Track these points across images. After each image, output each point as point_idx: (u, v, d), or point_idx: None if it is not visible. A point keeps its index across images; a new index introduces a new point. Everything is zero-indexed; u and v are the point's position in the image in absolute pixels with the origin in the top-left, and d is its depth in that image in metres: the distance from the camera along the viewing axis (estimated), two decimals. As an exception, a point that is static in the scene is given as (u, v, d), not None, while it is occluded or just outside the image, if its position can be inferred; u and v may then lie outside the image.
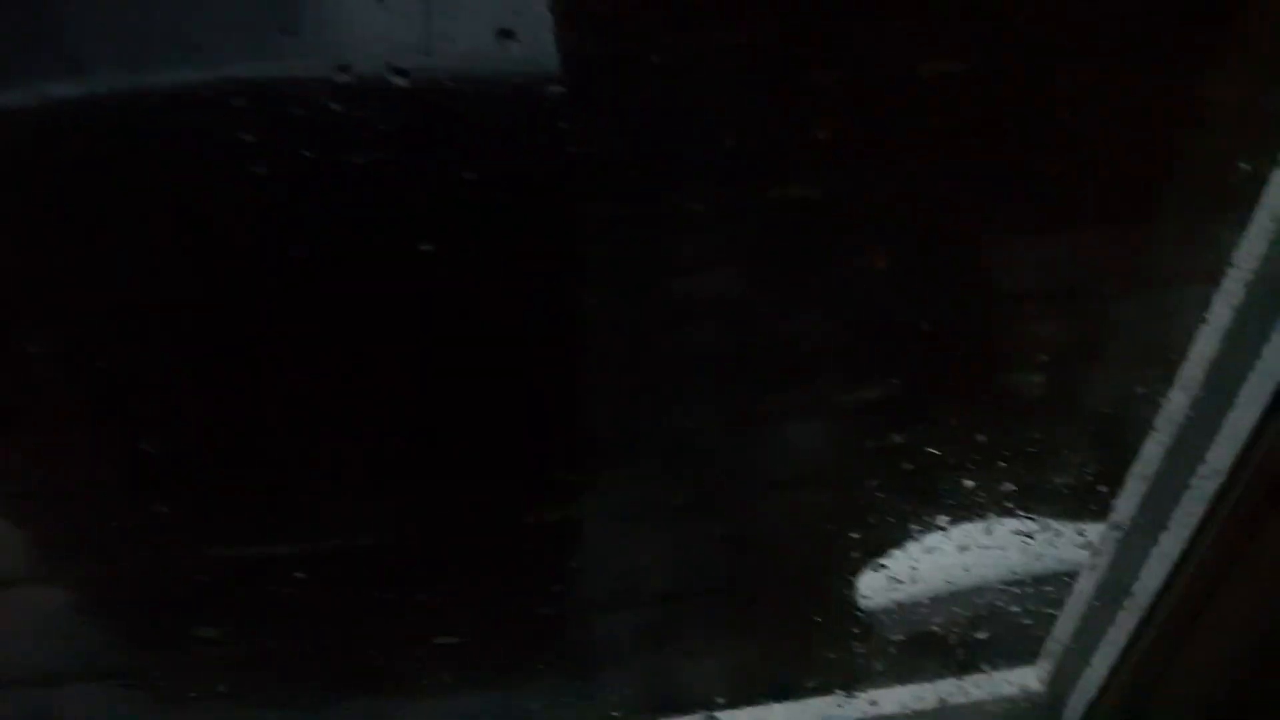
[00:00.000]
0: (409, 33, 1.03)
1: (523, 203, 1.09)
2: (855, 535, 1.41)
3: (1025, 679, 1.55)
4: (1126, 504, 1.35)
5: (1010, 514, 1.39)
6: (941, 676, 1.54)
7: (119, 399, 1.21)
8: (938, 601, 1.44)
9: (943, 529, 1.39)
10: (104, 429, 1.26)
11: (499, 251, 1.13)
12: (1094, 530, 1.40)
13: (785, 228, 1.25)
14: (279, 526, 1.36)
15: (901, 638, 1.49)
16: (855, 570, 1.43)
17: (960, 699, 1.53)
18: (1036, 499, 1.39)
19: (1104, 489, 1.37)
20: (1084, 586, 1.43)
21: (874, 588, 1.43)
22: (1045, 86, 1.21)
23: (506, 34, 1.04)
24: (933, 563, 1.40)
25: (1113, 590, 1.38)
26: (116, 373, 1.18)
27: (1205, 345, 1.22)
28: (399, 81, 0.99)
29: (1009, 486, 1.37)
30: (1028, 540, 1.40)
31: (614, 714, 1.54)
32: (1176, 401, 1.27)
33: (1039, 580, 1.45)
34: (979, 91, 1.20)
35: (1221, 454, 1.20)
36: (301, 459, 1.29)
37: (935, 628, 1.48)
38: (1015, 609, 1.47)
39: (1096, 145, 1.22)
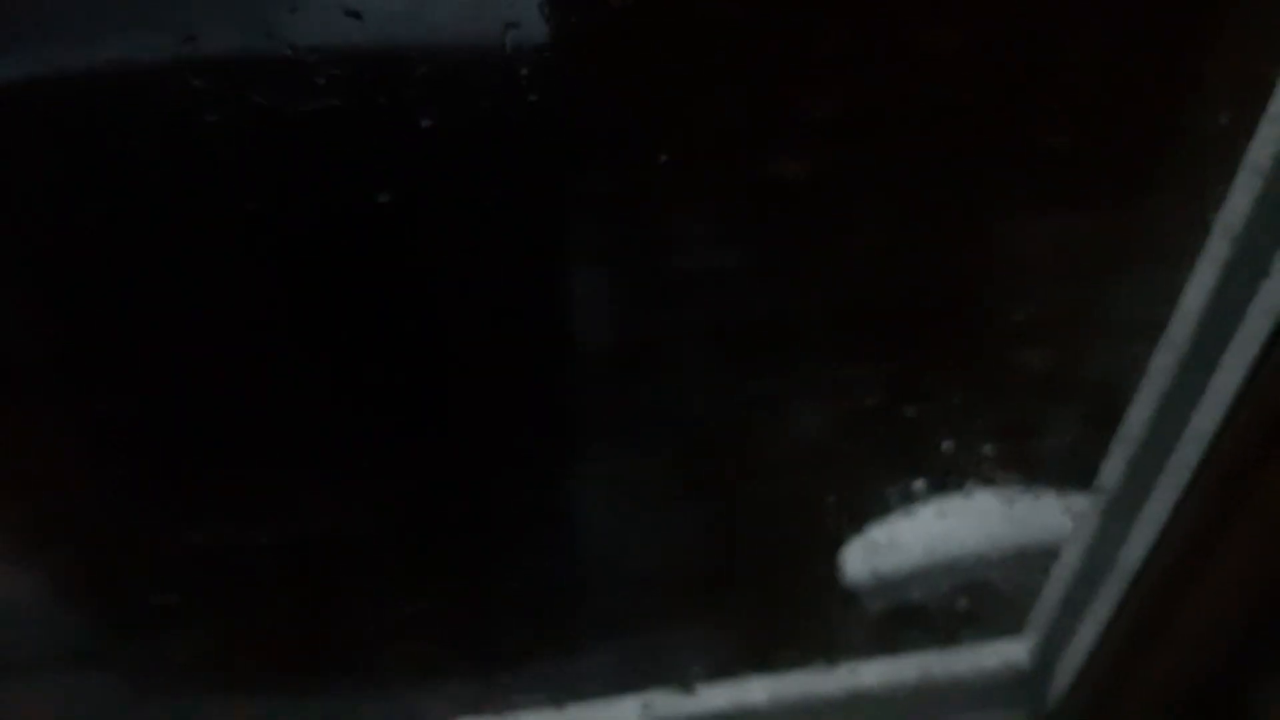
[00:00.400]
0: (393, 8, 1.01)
1: (492, 158, 1.07)
2: (833, 503, 1.39)
3: (1009, 651, 1.54)
4: (1111, 470, 1.33)
5: (992, 481, 1.37)
6: (924, 648, 1.52)
7: (76, 374, 1.19)
8: (919, 571, 1.42)
9: (923, 496, 1.36)
10: (63, 405, 1.23)
11: (467, 211, 1.11)
12: (1078, 498, 1.38)
13: (771, 204, 1.23)
14: (246, 507, 1.34)
15: (883, 608, 1.46)
16: (834, 539, 1.41)
17: (943, 671, 1.52)
18: (1019, 465, 1.37)
19: (1088, 455, 1.35)
20: (1069, 556, 1.41)
21: (854, 557, 1.41)
22: (1022, 54, 1.19)
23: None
24: (913, 530, 1.38)
25: (1098, 559, 1.36)
26: (71, 347, 1.16)
27: (1191, 305, 1.20)
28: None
29: (991, 453, 1.35)
30: (1010, 507, 1.37)
31: (590, 688, 1.52)
32: (1161, 364, 1.24)
33: (1023, 549, 1.42)
34: (958, 65, 1.17)
35: (1207, 416, 1.18)
36: (263, 432, 1.27)
37: (917, 598, 1.46)
38: (998, 579, 1.45)
39: (1074, 108, 1.20)
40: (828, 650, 1.50)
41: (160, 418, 1.23)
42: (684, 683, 1.51)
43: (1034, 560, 1.43)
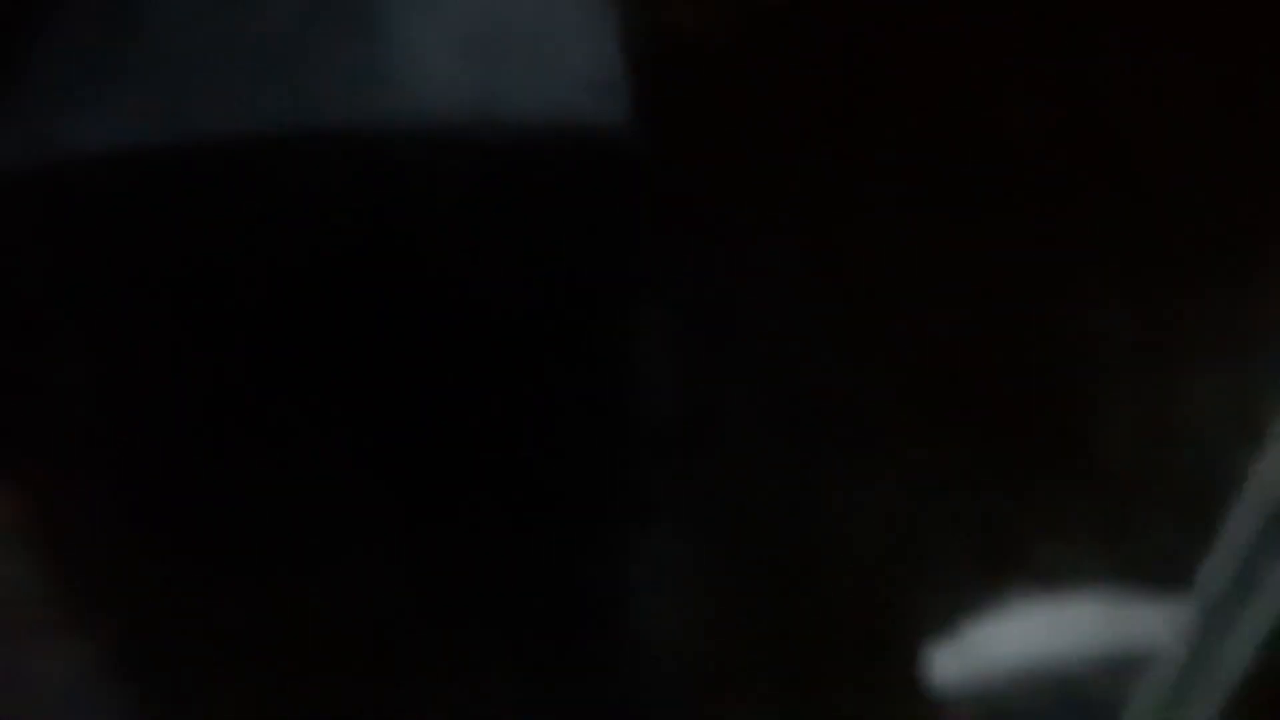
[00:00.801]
0: (472, 82, 1.02)
1: (571, 231, 1.07)
2: (920, 601, 1.36)
3: (1102, 763, 1.48)
4: (1210, 576, 1.28)
5: (1088, 583, 1.33)
6: (1012, 756, 1.47)
7: (144, 449, 1.20)
8: (1010, 674, 1.38)
9: (1015, 598, 1.33)
10: (124, 474, 1.25)
11: (549, 289, 1.11)
12: (1177, 603, 1.33)
13: (851, 280, 1.21)
14: (288, 584, 1.34)
15: (971, 711, 1.42)
16: (920, 639, 1.37)
17: (1031, 781, 1.46)
18: (1115, 568, 1.33)
19: (1187, 559, 1.31)
20: (1165, 663, 1.36)
21: (942, 658, 1.38)
22: (1126, 141, 1.18)
23: (577, 85, 1.03)
24: (1004, 633, 1.34)
25: (1196, 667, 1.32)
26: (144, 421, 1.18)
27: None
28: (459, 135, 0.98)
29: (1087, 554, 1.32)
30: (1105, 611, 1.33)
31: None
32: (1265, 465, 1.21)
33: (1118, 655, 1.38)
34: (1055, 147, 1.16)
35: (1313, 522, 1.14)
36: (323, 509, 1.27)
37: (1007, 702, 1.41)
38: (1092, 684, 1.41)
39: (1177, 198, 1.18)
40: (911, 754, 1.46)
41: (212, 491, 1.24)
42: (759, 783, 1.47)
43: (1129, 666, 1.39)
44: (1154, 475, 1.32)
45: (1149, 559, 1.33)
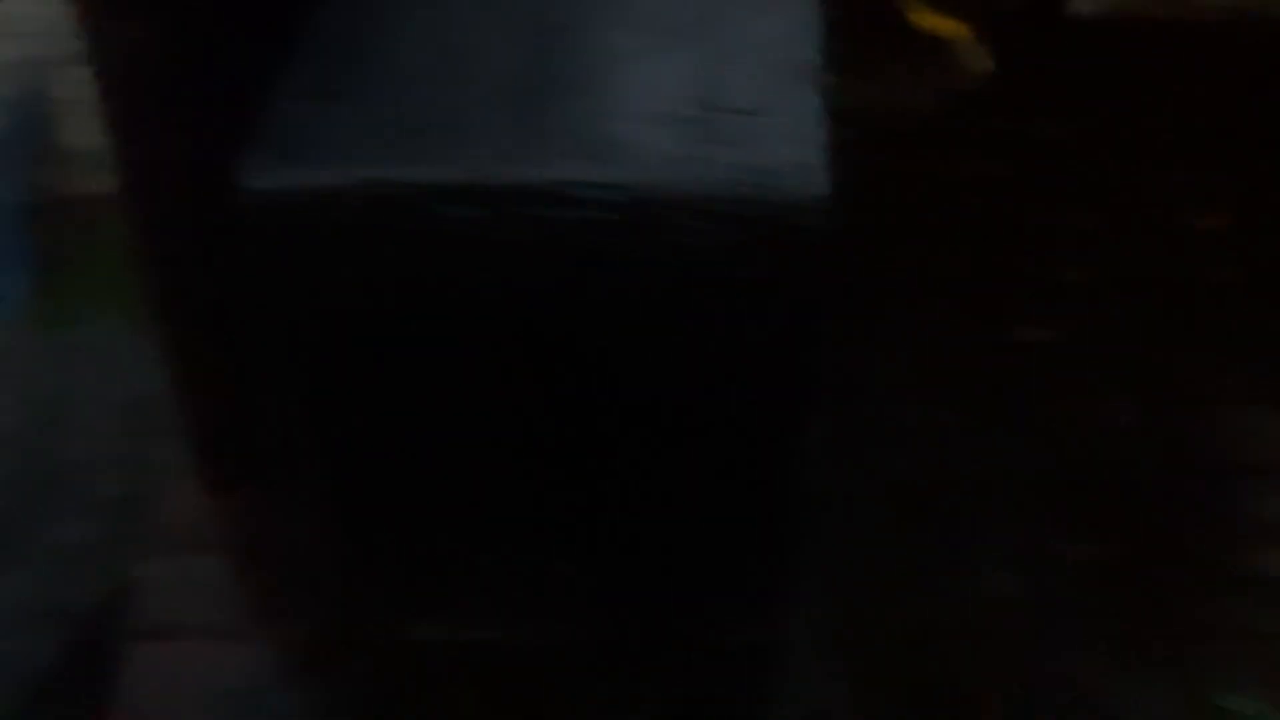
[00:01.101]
0: (681, 152, 1.08)
1: (765, 318, 1.11)
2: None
3: None
4: None
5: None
6: None
7: (360, 467, 1.24)
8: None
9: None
10: (336, 494, 1.28)
11: (724, 359, 1.14)
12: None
13: (1019, 367, 1.22)
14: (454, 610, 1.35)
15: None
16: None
17: None
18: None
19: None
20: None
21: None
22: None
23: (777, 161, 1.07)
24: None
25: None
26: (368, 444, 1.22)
27: None
28: (665, 199, 1.04)
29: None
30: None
31: None
32: None
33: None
34: (1238, 248, 1.15)
35: None
36: (506, 545, 1.29)
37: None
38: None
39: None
40: None
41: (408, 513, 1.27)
42: None
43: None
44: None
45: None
